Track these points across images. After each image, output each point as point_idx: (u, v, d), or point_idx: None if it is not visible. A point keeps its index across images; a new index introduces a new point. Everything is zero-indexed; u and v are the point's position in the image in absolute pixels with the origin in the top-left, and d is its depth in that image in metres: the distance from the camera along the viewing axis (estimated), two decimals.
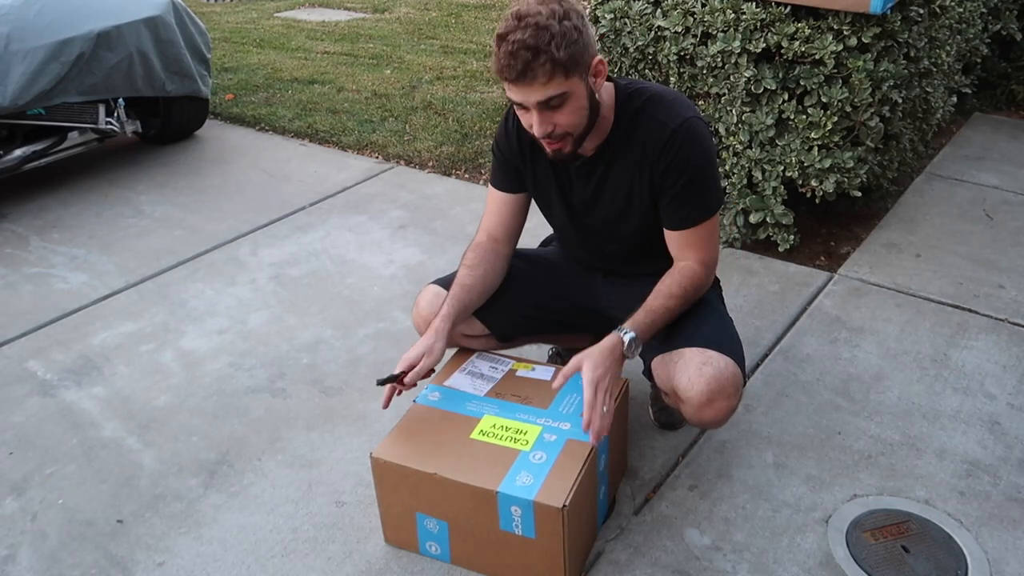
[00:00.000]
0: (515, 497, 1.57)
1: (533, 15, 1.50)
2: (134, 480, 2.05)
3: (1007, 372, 2.31)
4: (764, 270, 2.85)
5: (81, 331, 2.67)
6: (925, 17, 2.76)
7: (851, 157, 2.68)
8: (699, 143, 1.69)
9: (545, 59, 1.49)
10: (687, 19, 2.76)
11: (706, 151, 1.71)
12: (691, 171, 1.69)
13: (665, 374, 1.75)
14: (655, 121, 1.68)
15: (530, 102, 1.56)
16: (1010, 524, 1.83)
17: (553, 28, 1.49)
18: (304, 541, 1.85)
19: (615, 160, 1.75)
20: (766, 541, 1.80)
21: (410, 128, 4.25)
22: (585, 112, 1.61)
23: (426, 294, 1.95)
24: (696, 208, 1.74)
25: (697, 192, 1.72)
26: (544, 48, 1.48)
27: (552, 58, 1.49)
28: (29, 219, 3.44)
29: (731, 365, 1.69)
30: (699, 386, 1.66)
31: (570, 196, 1.86)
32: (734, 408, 1.71)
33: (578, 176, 1.81)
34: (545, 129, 1.59)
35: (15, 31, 3.25)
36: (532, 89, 1.53)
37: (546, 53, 1.49)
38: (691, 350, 1.71)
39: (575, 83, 1.56)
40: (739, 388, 1.71)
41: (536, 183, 1.88)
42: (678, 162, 1.68)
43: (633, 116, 1.70)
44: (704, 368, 1.67)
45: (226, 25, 6.51)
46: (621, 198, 1.78)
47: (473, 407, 1.80)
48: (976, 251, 2.93)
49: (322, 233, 3.24)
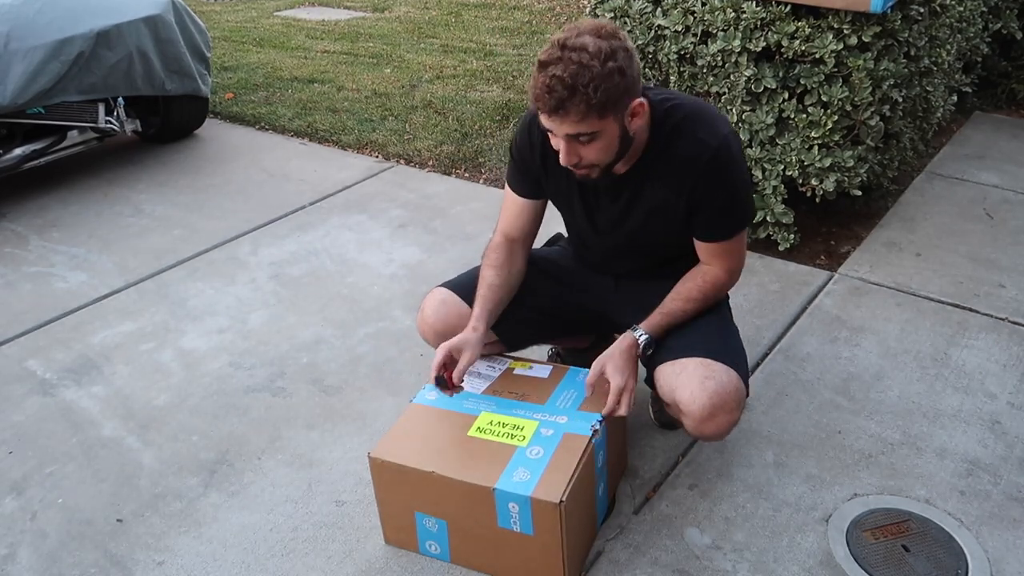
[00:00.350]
0: (512, 493, 1.57)
1: (578, 49, 1.46)
2: (134, 479, 2.05)
3: (1007, 371, 2.31)
4: (764, 269, 2.85)
5: (81, 330, 2.67)
6: (925, 16, 2.76)
7: (851, 156, 2.67)
8: (739, 162, 1.71)
9: (580, 100, 1.46)
10: (687, 18, 2.76)
11: (744, 169, 1.74)
12: (730, 190, 1.70)
13: (667, 386, 1.73)
14: (695, 140, 1.65)
15: (560, 132, 1.55)
16: (1010, 523, 1.83)
17: (594, 70, 1.45)
18: (304, 540, 1.85)
19: (648, 179, 1.72)
20: (766, 540, 1.80)
21: (410, 127, 4.25)
22: (615, 149, 1.60)
23: (432, 300, 1.92)
24: (731, 224, 1.75)
25: (733, 209, 1.74)
26: (582, 89, 1.45)
27: (587, 100, 1.46)
28: (29, 218, 3.44)
29: (734, 379, 1.68)
30: (701, 400, 1.65)
31: (595, 213, 1.84)
32: (735, 422, 1.70)
33: (606, 194, 1.78)
34: (571, 160, 1.59)
35: (15, 30, 3.24)
36: (563, 124, 1.52)
37: (583, 95, 1.46)
38: (693, 361, 1.69)
39: (608, 123, 1.53)
40: (741, 402, 1.70)
41: (558, 195, 1.87)
42: (719, 183, 1.68)
43: (670, 134, 1.67)
44: (706, 382, 1.66)
45: (226, 24, 6.50)
46: (654, 217, 1.76)
47: (470, 405, 1.80)
48: (976, 250, 2.92)
49: (322, 232, 3.24)
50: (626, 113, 1.56)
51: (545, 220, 2.01)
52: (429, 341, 1.94)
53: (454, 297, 1.90)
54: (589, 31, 1.49)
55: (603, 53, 1.46)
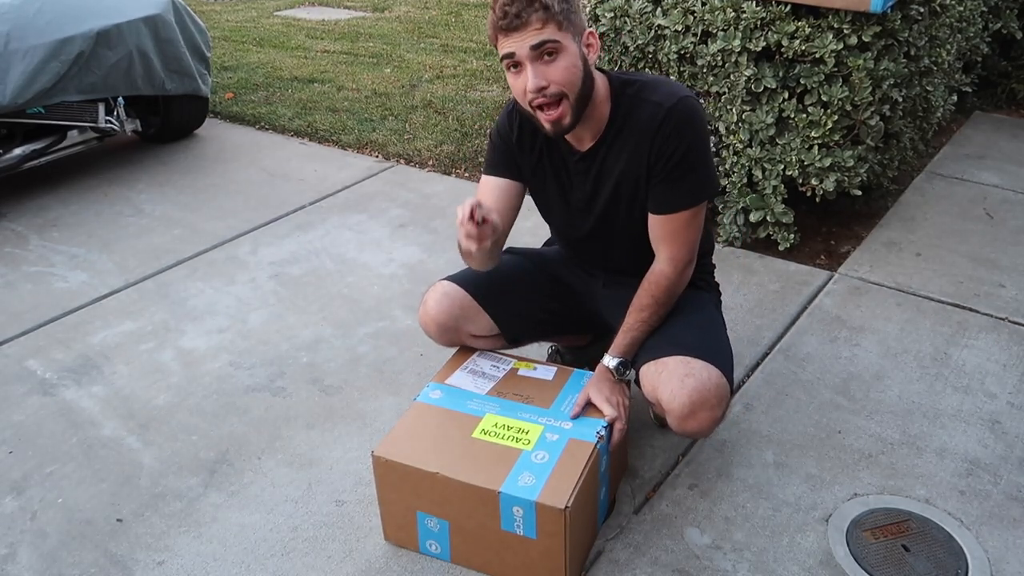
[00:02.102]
0: (517, 497, 1.57)
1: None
2: (134, 479, 2.05)
3: (1007, 371, 2.31)
4: (764, 269, 2.85)
5: (81, 330, 2.67)
6: (925, 16, 2.76)
7: (851, 156, 2.67)
8: (694, 122, 1.68)
9: (538, 5, 1.53)
10: (687, 18, 2.76)
11: (700, 131, 1.70)
12: (684, 149, 1.67)
13: (650, 385, 1.74)
14: (650, 103, 1.67)
15: (523, 50, 1.55)
16: (1010, 523, 1.83)
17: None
18: (304, 540, 1.85)
19: (612, 150, 1.74)
20: (766, 540, 1.80)
21: (410, 127, 4.25)
22: (579, 73, 1.60)
23: (435, 293, 1.92)
24: (683, 193, 1.71)
25: (687, 173, 1.69)
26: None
27: (544, 6, 1.53)
28: (29, 218, 3.44)
29: (715, 375, 1.68)
30: (681, 398, 1.66)
31: (569, 194, 1.85)
32: (718, 419, 1.70)
33: (577, 172, 1.80)
34: (539, 83, 1.57)
35: (15, 30, 3.24)
36: (525, 35, 1.54)
37: (540, 1, 1.53)
38: (674, 360, 1.70)
39: (567, 39, 1.57)
40: (723, 399, 1.70)
41: (535, 178, 1.87)
42: (672, 140, 1.66)
43: (628, 103, 1.70)
44: (686, 380, 1.66)
45: (226, 24, 6.50)
46: (622, 190, 1.77)
47: (475, 406, 1.80)
48: (976, 250, 2.92)
49: (322, 232, 3.24)
50: (582, 41, 1.61)
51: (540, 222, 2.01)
52: (431, 334, 1.94)
53: (457, 289, 1.90)
54: None
55: None
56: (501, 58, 1.60)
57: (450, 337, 1.94)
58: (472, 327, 1.92)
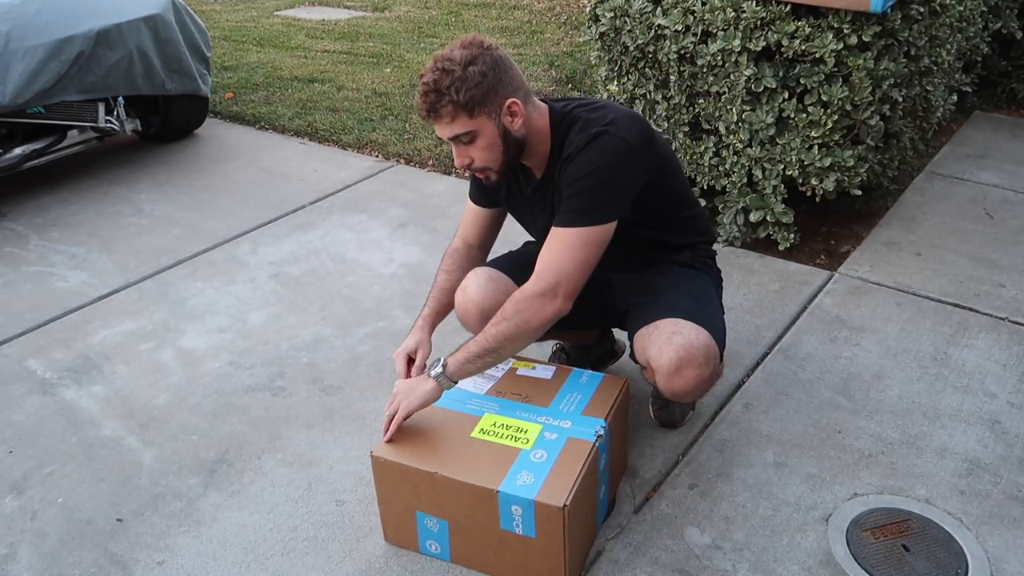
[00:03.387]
0: (516, 496, 1.57)
1: (445, 59, 1.63)
2: (134, 479, 2.05)
3: (1007, 371, 2.31)
4: (764, 269, 2.85)
5: (81, 330, 2.67)
6: (925, 16, 2.76)
7: (851, 156, 2.67)
8: (590, 155, 1.67)
9: (447, 100, 1.62)
10: (687, 17, 2.75)
11: (594, 163, 1.67)
12: (580, 174, 1.68)
13: (640, 346, 1.80)
14: (569, 140, 1.73)
15: (444, 135, 1.69)
16: (1011, 523, 1.83)
17: (455, 73, 1.61)
18: (304, 540, 1.85)
19: (553, 182, 1.78)
20: (766, 540, 1.80)
21: (410, 127, 4.25)
22: (499, 149, 1.70)
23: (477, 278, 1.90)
24: (572, 211, 1.68)
25: (574, 195, 1.69)
26: (444, 91, 1.61)
27: (452, 100, 1.61)
28: (29, 218, 3.44)
29: (703, 335, 1.72)
30: (668, 354, 1.70)
31: (535, 220, 1.92)
32: (706, 378, 1.74)
33: (535, 201, 1.86)
34: (462, 161, 1.72)
35: (15, 29, 3.24)
36: (441, 127, 1.67)
37: (447, 96, 1.61)
38: (664, 321, 1.76)
39: (482, 123, 1.66)
40: (711, 359, 1.73)
41: (508, 204, 1.97)
42: (566, 174, 1.71)
43: (562, 139, 1.75)
44: (674, 337, 1.71)
45: (226, 23, 6.50)
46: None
47: (473, 405, 1.80)
48: (976, 250, 2.92)
49: (322, 232, 3.24)
50: (502, 112, 1.67)
51: None
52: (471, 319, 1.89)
53: (501, 275, 1.91)
54: (460, 44, 1.66)
55: (464, 60, 1.63)
56: None
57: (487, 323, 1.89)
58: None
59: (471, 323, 1.91)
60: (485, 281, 1.89)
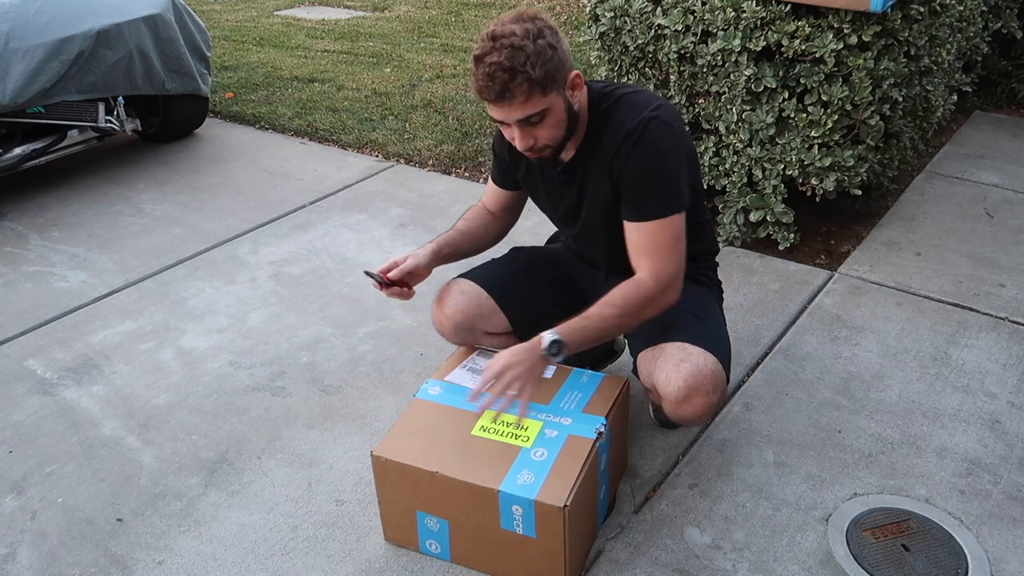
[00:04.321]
0: (516, 496, 1.57)
1: (508, 36, 1.53)
2: (134, 479, 2.05)
3: (1007, 371, 2.31)
4: (764, 269, 2.85)
5: (81, 329, 2.67)
6: (925, 15, 2.76)
7: (851, 155, 2.67)
8: (656, 143, 1.66)
9: (522, 79, 1.52)
10: (687, 17, 2.75)
11: (660, 151, 1.67)
12: (645, 170, 1.67)
13: (646, 370, 1.76)
14: (615, 122, 1.69)
15: (510, 119, 1.59)
16: (1010, 523, 1.83)
17: (528, 48, 1.52)
18: (304, 540, 1.85)
19: (588, 165, 1.76)
20: (766, 540, 1.80)
21: (410, 126, 4.25)
22: (564, 125, 1.65)
23: (451, 291, 1.92)
24: (649, 204, 1.68)
25: (651, 190, 1.68)
26: (520, 68, 1.51)
27: (529, 78, 1.52)
28: (29, 217, 3.44)
29: (711, 361, 1.69)
30: (676, 382, 1.67)
31: (557, 203, 1.89)
32: (714, 405, 1.71)
33: (562, 183, 1.83)
34: (527, 144, 1.64)
35: (15, 29, 3.24)
36: (511, 108, 1.57)
37: (522, 73, 1.52)
38: (671, 345, 1.72)
39: (553, 99, 1.59)
40: (719, 385, 1.71)
41: (528, 186, 1.93)
42: (631, 161, 1.67)
43: (601, 119, 1.72)
44: (682, 365, 1.68)
45: (226, 23, 6.50)
46: (596, 202, 1.79)
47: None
48: (976, 249, 2.92)
49: (322, 231, 3.24)
50: (566, 87, 1.62)
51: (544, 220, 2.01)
52: (445, 334, 1.94)
53: (474, 287, 1.91)
54: (512, 19, 1.57)
55: (531, 33, 1.54)
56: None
57: (464, 337, 1.93)
58: (487, 325, 1.93)
59: (446, 335, 1.95)
60: (457, 296, 1.91)
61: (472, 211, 2.01)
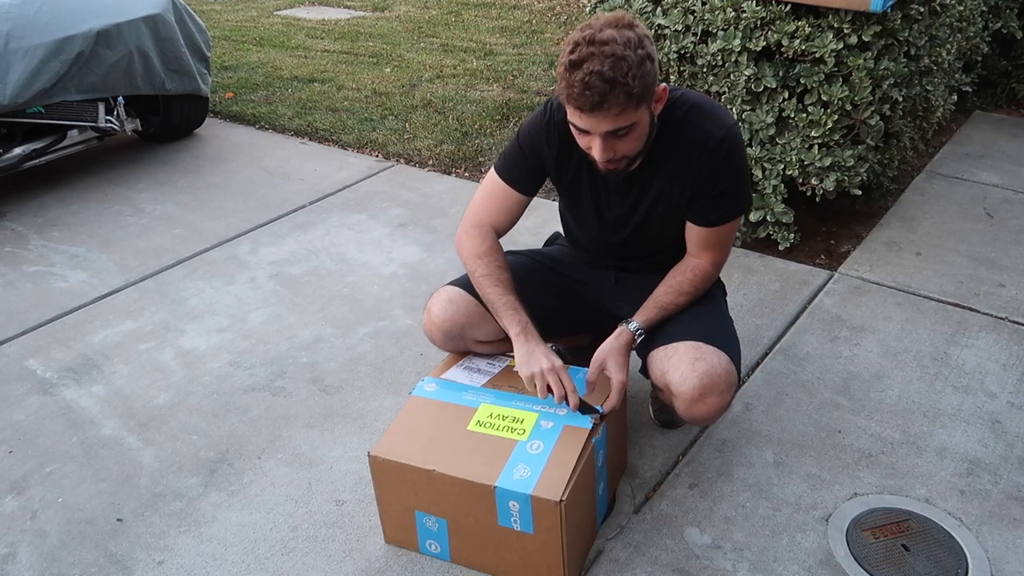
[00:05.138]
0: (513, 492, 1.57)
1: (609, 42, 1.45)
2: (134, 479, 2.05)
3: (1007, 371, 2.31)
4: (764, 268, 2.85)
5: (81, 329, 2.67)
6: (925, 15, 2.76)
7: (851, 155, 2.67)
8: (741, 152, 1.72)
9: (620, 92, 1.46)
10: (687, 17, 2.75)
11: (745, 159, 1.75)
12: (730, 178, 1.72)
13: (659, 370, 1.75)
14: (700, 131, 1.68)
15: (598, 130, 1.53)
16: (1011, 523, 1.83)
17: (630, 59, 1.46)
18: (304, 540, 1.85)
19: (657, 171, 1.74)
20: (766, 540, 1.80)
21: (410, 126, 4.25)
22: (646, 138, 1.62)
23: (439, 299, 1.90)
24: (728, 209, 1.76)
25: (733, 196, 1.75)
26: (621, 81, 1.45)
27: (628, 91, 1.47)
28: (29, 217, 3.44)
29: (724, 361, 1.70)
30: (691, 381, 1.67)
31: (604, 211, 1.85)
32: (726, 404, 1.72)
33: (617, 191, 1.80)
34: (607, 156, 1.58)
35: (15, 29, 3.24)
36: (603, 120, 1.51)
37: (623, 87, 1.46)
38: (685, 344, 1.72)
39: (642, 112, 1.54)
40: (732, 385, 1.71)
41: (568, 192, 1.86)
42: (721, 170, 1.69)
43: (677, 126, 1.69)
44: (697, 364, 1.68)
45: (226, 23, 6.50)
46: (659, 208, 1.79)
47: (470, 397, 1.79)
48: (977, 249, 2.92)
49: (322, 231, 3.24)
50: (653, 100, 1.58)
51: (544, 220, 2.01)
52: (436, 341, 1.93)
53: (462, 295, 1.89)
54: (609, 24, 1.48)
55: (632, 42, 1.47)
56: (568, 118, 1.58)
57: (455, 344, 1.92)
58: (478, 333, 1.90)
59: (436, 342, 1.93)
60: (445, 304, 1.88)
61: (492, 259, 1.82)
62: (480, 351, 1.95)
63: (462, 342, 1.92)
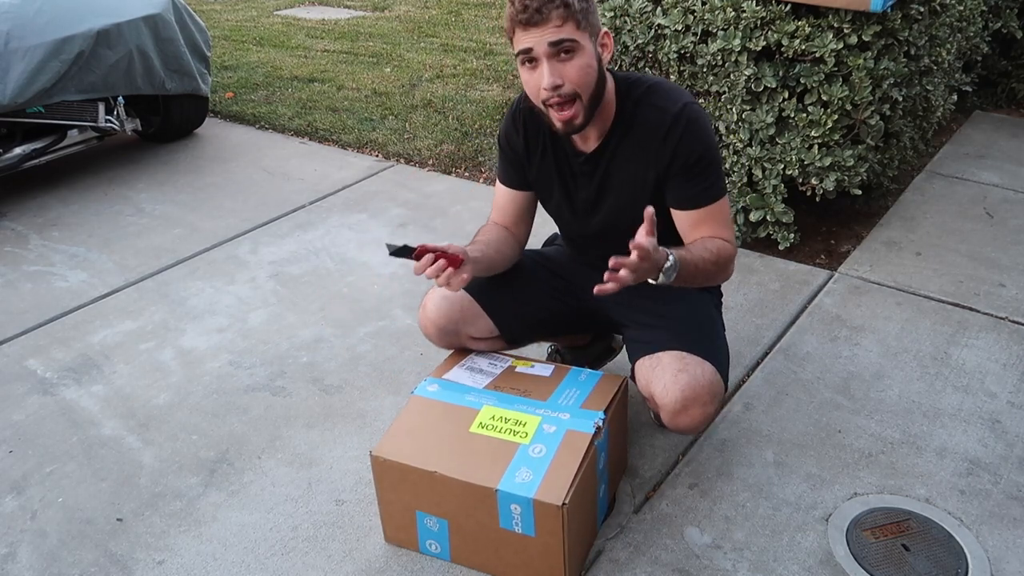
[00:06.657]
0: (515, 495, 1.57)
1: None
2: (134, 478, 2.05)
3: (1008, 370, 2.31)
4: (764, 268, 2.85)
5: (81, 329, 2.67)
6: (925, 15, 2.76)
7: (851, 155, 2.67)
8: (702, 127, 1.69)
9: (560, 2, 1.53)
10: (687, 17, 2.75)
11: (708, 135, 1.71)
12: (696, 153, 1.69)
13: (644, 380, 1.75)
14: (655, 108, 1.69)
15: (541, 46, 1.56)
16: (1011, 523, 1.83)
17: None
18: (304, 540, 1.85)
19: (618, 152, 1.74)
20: (766, 539, 1.80)
21: (410, 126, 4.25)
22: (594, 73, 1.62)
23: (434, 296, 1.92)
24: (705, 189, 1.72)
25: (703, 173, 1.71)
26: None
27: (566, 2, 1.53)
28: (29, 217, 3.44)
29: (708, 371, 1.69)
30: (673, 393, 1.67)
31: (574, 196, 1.86)
32: (711, 415, 1.72)
33: (582, 173, 1.81)
34: (554, 80, 1.57)
35: (15, 29, 3.24)
36: (545, 31, 1.54)
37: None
38: (669, 355, 1.72)
39: (584, 38, 1.58)
40: (716, 395, 1.71)
41: (539, 181, 1.88)
42: (681, 146, 1.68)
43: (633, 106, 1.71)
44: (679, 375, 1.67)
45: (226, 23, 6.50)
46: (626, 192, 1.77)
47: (472, 399, 1.79)
48: (977, 249, 2.92)
49: (322, 231, 3.24)
50: (598, 40, 1.62)
51: (544, 220, 2.01)
52: (431, 337, 1.94)
53: (457, 291, 1.89)
54: None
55: None
56: (517, 53, 1.61)
57: (449, 340, 1.93)
58: (472, 329, 1.92)
59: (432, 339, 1.94)
60: (440, 300, 1.90)
61: (485, 229, 1.91)
62: (474, 347, 1.96)
63: (456, 338, 1.93)
